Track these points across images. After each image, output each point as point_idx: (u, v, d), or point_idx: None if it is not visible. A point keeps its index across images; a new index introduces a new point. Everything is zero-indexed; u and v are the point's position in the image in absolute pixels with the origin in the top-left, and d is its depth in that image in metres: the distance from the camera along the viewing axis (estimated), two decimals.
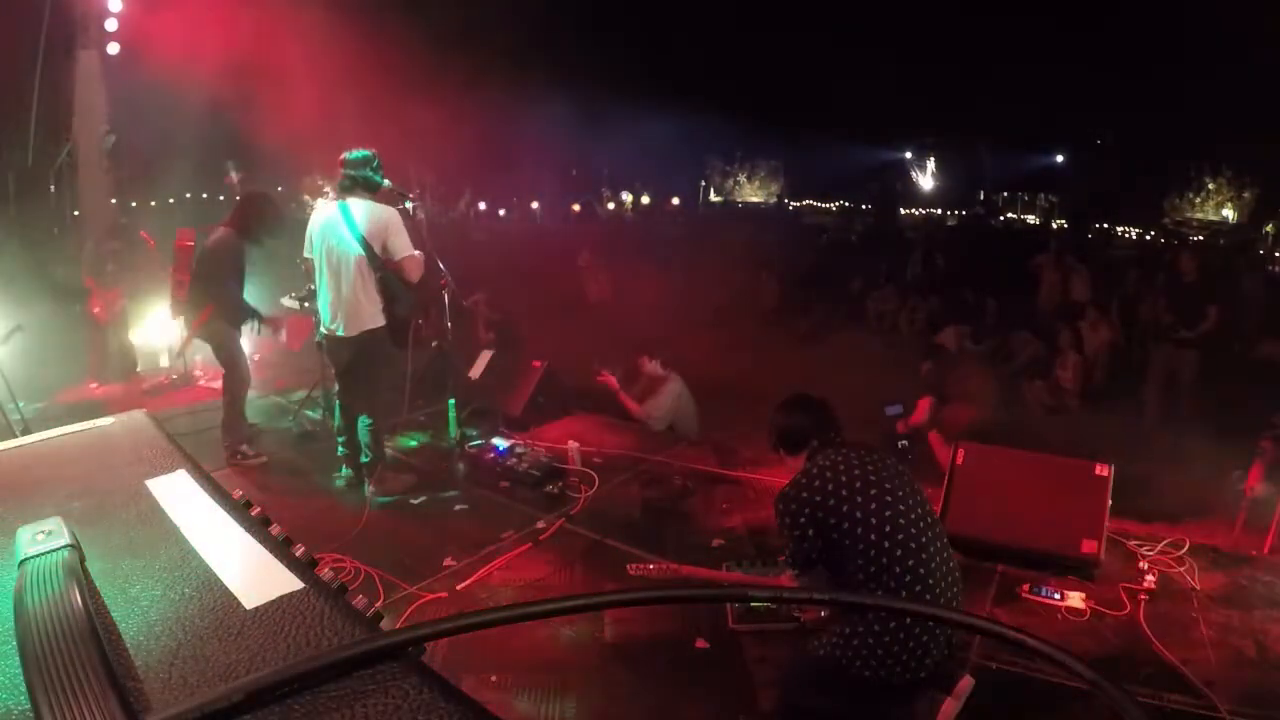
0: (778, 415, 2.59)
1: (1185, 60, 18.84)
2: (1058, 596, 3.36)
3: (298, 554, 0.73)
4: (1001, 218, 29.34)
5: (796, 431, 2.54)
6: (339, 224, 4.01)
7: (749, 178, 33.03)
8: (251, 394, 5.16)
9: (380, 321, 4.15)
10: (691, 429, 5.80)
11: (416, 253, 4.17)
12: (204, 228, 5.16)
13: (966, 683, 2.24)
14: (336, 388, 4.56)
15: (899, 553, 2.21)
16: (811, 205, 33.21)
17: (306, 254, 4.26)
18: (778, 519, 2.41)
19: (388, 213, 4.04)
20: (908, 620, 2.18)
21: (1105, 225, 23.21)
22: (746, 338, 9.46)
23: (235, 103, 8.58)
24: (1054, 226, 24.49)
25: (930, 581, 2.22)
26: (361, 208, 4.01)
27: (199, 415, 5.58)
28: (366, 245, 3.99)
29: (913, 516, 2.27)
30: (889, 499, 2.26)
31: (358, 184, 4.05)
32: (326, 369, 5.04)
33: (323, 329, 4.37)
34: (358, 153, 4.08)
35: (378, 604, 2.47)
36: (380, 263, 4.03)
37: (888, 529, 2.22)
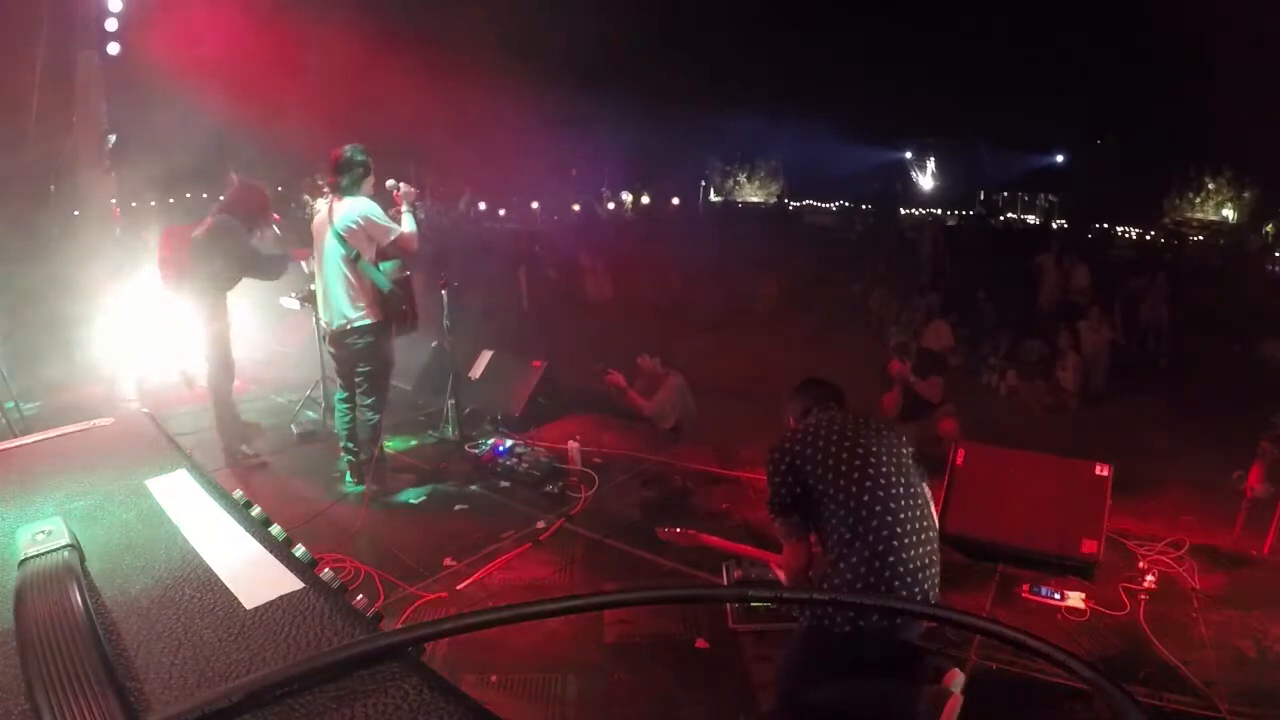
0: (791, 393, 2.88)
1: (1185, 59, 18.82)
2: (1058, 596, 3.36)
3: (298, 554, 0.73)
4: (1001, 218, 29.30)
5: (800, 404, 2.82)
6: (325, 224, 4.14)
7: (749, 178, 32.95)
8: (251, 394, 5.12)
9: (373, 316, 4.19)
10: (693, 422, 5.81)
11: (406, 229, 4.21)
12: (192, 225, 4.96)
13: (955, 674, 2.25)
14: (337, 386, 4.56)
15: (866, 498, 2.38)
16: (812, 205, 33.13)
17: (314, 253, 4.32)
18: (766, 469, 2.62)
19: (362, 206, 4.08)
20: (876, 564, 2.31)
21: (1105, 225, 23.20)
22: (747, 338, 9.45)
23: (236, 102, 8.58)
24: (1054, 226, 24.46)
25: (899, 530, 2.36)
26: (342, 206, 4.09)
27: (199, 415, 5.55)
28: (344, 241, 4.07)
29: (885, 469, 2.44)
30: (860, 450, 2.46)
31: (341, 187, 4.11)
32: (326, 368, 5.02)
33: (324, 325, 4.39)
34: (345, 153, 4.10)
35: (378, 604, 2.47)
36: (356, 256, 4.08)
37: (856, 475, 2.41)
